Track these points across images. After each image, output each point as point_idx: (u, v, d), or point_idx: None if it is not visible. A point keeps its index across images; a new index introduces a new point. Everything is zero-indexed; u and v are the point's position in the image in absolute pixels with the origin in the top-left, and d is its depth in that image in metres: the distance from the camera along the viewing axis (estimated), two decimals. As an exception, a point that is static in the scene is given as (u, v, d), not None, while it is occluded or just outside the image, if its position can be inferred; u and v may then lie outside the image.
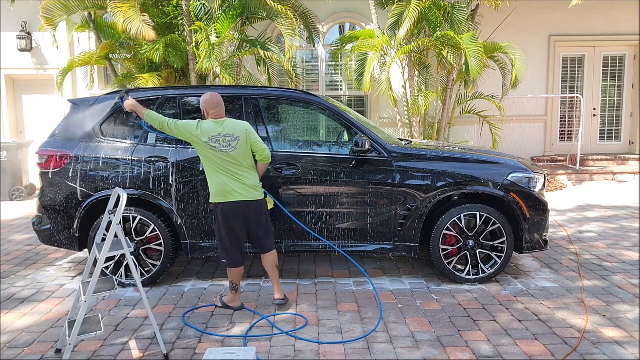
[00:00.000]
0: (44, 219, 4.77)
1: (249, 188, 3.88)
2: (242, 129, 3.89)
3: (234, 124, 3.90)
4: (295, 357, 3.32)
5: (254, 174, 3.96)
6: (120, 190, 3.31)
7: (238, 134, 3.85)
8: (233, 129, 3.86)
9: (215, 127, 3.84)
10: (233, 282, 4.05)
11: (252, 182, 3.91)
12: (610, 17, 10.76)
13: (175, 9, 8.26)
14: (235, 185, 3.83)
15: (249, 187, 3.88)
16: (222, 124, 3.86)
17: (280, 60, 8.05)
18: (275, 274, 4.15)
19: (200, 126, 3.85)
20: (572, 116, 11.35)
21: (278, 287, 4.16)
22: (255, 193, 3.91)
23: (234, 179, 3.84)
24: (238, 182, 3.84)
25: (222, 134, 3.82)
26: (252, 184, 3.90)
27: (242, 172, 3.86)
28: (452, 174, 4.52)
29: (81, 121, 4.74)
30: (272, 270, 4.14)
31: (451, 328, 3.71)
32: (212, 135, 3.81)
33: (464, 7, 8.57)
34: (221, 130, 3.83)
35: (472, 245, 4.59)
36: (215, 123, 3.86)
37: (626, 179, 10.01)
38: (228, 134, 3.83)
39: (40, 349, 3.46)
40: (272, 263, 4.12)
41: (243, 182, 3.85)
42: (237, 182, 3.84)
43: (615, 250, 5.67)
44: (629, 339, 3.50)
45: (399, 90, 9.90)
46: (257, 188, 3.95)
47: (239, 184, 3.84)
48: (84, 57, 8.58)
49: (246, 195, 3.86)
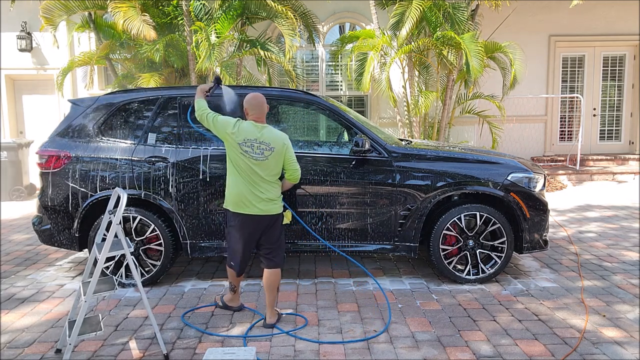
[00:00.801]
0: (44, 219, 4.77)
1: (266, 202, 3.66)
2: (280, 141, 3.65)
3: (273, 134, 3.66)
4: (295, 357, 3.32)
5: (277, 188, 3.74)
6: (120, 190, 3.31)
7: (274, 145, 3.61)
8: (271, 138, 3.62)
9: (253, 130, 3.62)
10: (232, 283, 3.98)
11: (272, 195, 3.68)
12: (610, 17, 10.76)
13: (175, 9, 8.26)
14: (252, 197, 3.62)
15: (266, 201, 3.66)
16: (262, 130, 3.63)
17: (280, 61, 8.06)
18: (273, 296, 3.78)
19: (238, 125, 3.65)
20: (572, 116, 11.35)
21: (271, 310, 3.79)
22: (271, 206, 3.69)
23: (253, 191, 3.62)
24: (256, 195, 3.62)
25: (259, 140, 3.59)
26: (271, 197, 3.68)
27: (264, 185, 3.64)
28: (452, 174, 4.52)
29: (81, 121, 4.73)
30: (270, 292, 3.76)
31: (451, 328, 3.71)
32: (248, 139, 3.59)
33: (464, 7, 8.57)
34: (259, 136, 3.60)
35: (472, 245, 4.59)
36: (254, 126, 3.64)
37: (626, 179, 10.01)
38: (264, 141, 3.60)
39: (40, 349, 3.46)
40: (272, 283, 3.76)
41: (262, 195, 3.63)
42: (256, 194, 3.62)
43: (615, 250, 5.67)
44: (629, 339, 3.50)
45: (399, 90, 9.90)
46: (275, 201, 3.72)
47: (257, 197, 3.63)
48: (84, 57, 8.59)
49: (261, 209, 3.65)
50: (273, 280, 3.77)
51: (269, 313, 3.80)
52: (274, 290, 3.79)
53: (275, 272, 3.78)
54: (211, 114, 3.79)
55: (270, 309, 3.80)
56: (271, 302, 3.80)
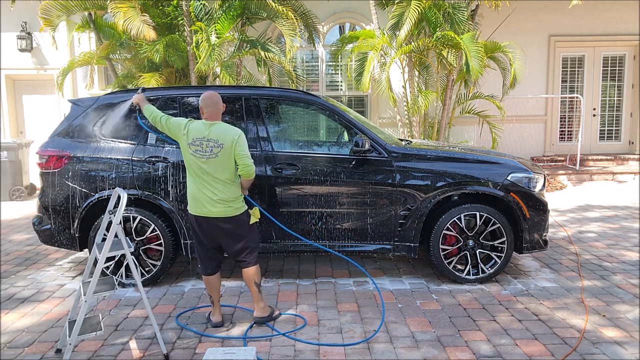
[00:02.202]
0: (44, 219, 4.77)
1: (220, 203, 3.55)
2: (229, 137, 3.52)
3: (223, 129, 3.55)
4: (295, 357, 3.32)
5: (233, 188, 3.61)
6: (120, 190, 3.31)
7: (223, 141, 3.50)
8: (220, 134, 3.52)
9: (202, 128, 3.55)
10: (208, 293, 3.84)
11: (227, 196, 3.57)
12: (610, 17, 10.76)
13: (175, 9, 8.26)
14: (204, 198, 3.55)
15: (220, 202, 3.55)
16: (211, 127, 3.54)
17: (281, 61, 8.05)
18: (254, 290, 3.80)
19: (188, 125, 3.60)
20: (572, 116, 11.35)
21: (257, 304, 3.82)
22: (224, 209, 3.57)
23: (206, 191, 3.55)
24: (208, 196, 3.54)
25: (207, 137, 3.51)
26: (226, 197, 3.56)
27: (217, 185, 3.54)
28: (452, 174, 4.52)
29: (81, 121, 4.74)
30: (251, 286, 3.80)
31: (451, 328, 3.71)
32: (197, 137, 3.53)
33: (464, 7, 8.57)
34: (207, 134, 3.52)
35: (472, 245, 4.59)
36: (204, 124, 3.58)
37: (626, 179, 10.01)
38: (212, 138, 3.50)
39: (40, 349, 3.47)
40: (251, 279, 3.76)
41: (214, 195, 3.54)
42: (208, 195, 3.54)
43: (615, 250, 5.67)
44: (629, 339, 3.50)
45: (398, 90, 9.90)
46: (231, 203, 3.60)
47: (208, 199, 3.54)
48: (84, 57, 8.59)
49: (214, 212, 3.56)
50: (249, 276, 3.79)
51: (257, 307, 3.84)
52: (252, 285, 3.80)
53: (251, 269, 3.78)
54: (164, 117, 3.80)
55: (257, 302, 3.83)
56: (255, 295, 3.83)
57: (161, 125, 3.80)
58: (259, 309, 3.84)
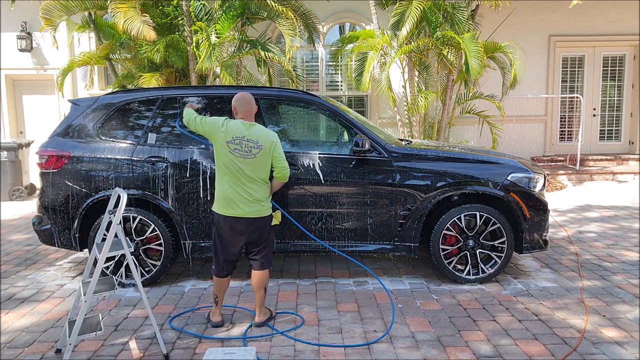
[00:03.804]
0: (44, 219, 4.77)
1: (253, 202, 3.61)
2: (269, 139, 3.61)
3: (262, 131, 3.62)
4: (295, 357, 3.32)
5: (266, 188, 3.69)
6: (120, 190, 3.31)
7: (262, 143, 3.57)
8: (259, 135, 3.59)
9: (241, 128, 3.58)
10: (215, 293, 3.82)
11: (259, 196, 3.63)
12: (610, 17, 10.76)
13: (175, 9, 8.26)
14: (239, 198, 3.58)
15: (253, 202, 3.61)
16: (250, 128, 3.60)
17: (281, 61, 8.06)
18: (260, 295, 3.79)
19: (226, 124, 3.61)
20: (572, 116, 11.35)
21: (260, 309, 3.82)
22: (259, 208, 3.64)
23: (240, 191, 3.58)
24: (243, 196, 3.58)
25: (247, 137, 3.55)
26: (258, 197, 3.63)
27: (252, 185, 3.60)
28: (452, 174, 4.52)
29: (81, 121, 4.74)
30: (258, 291, 3.78)
31: (451, 328, 3.71)
32: (236, 136, 3.55)
33: (464, 7, 8.57)
34: (247, 134, 3.56)
35: (472, 245, 4.59)
36: (242, 124, 3.61)
37: (626, 179, 10.01)
38: (252, 139, 3.56)
39: (40, 349, 3.47)
40: (260, 283, 3.77)
41: (249, 195, 3.59)
42: (243, 195, 3.58)
43: (615, 250, 5.67)
44: (629, 339, 3.50)
45: (398, 90, 9.90)
46: (262, 203, 3.67)
47: (244, 198, 3.58)
48: (84, 57, 8.59)
49: (248, 212, 3.60)
50: (262, 280, 3.78)
51: (259, 312, 3.83)
52: (262, 290, 3.79)
53: (264, 272, 3.79)
54: (198, 117, 3.82)
55: (260, 308, 3.83)
56: (260, 301, 3.81)
57: (195, 123, 3.79)
58: (261, 314, 3.83)
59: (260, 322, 3.80)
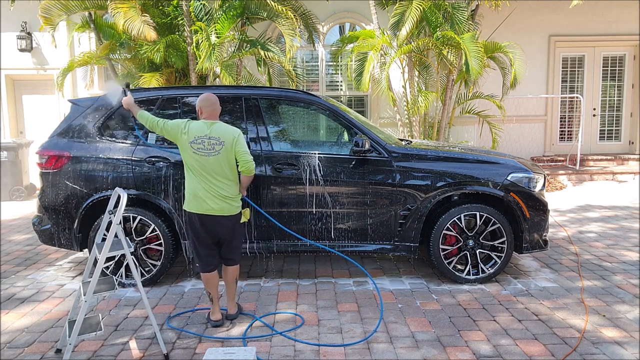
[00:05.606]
0: (44, 219, 4.77)
1: (221, 200, 3.64)
2: (230, 135, 3.65)
3: (223, 128, 3.68)
4: (295, 357, 3.32)
5: (233, 186, 3.72)
6: (120, 190, 3.31)
7: (224, 139, 3.62)
8: (220, 132, 3.64)
9: (203, 127, 3.65)
10: (207, 291, 3.85)
11: (228, 193, 3.67)
12: (610, 17, 10.76)
13: (175, 9, 8.26)
14: (206, 195, 3.62)
15: (221, 199, 3.65)
16: (212, 126, 3.65)
17: (281, 61, 8.05)
18: (233, 288, 3.92)
19: (188, 125, 3.69)
20: (572, 116, 11.35)
21: (232, 302, 3.93)
22: (226, 206, 3.67)
23: (208, 188, 3.62)
24: (211, 193, 3.63)
25: (209, 135, 3.61)
26: (226, 194, 3.66)
27: (218, 183, 3.64)
28: (452, 174, 4.52)
29: (81, 121, 4.73)
30: (231, 284, 3.90)
31: (451, 328, 3.71)
32: (198, 136, 3.62)
33: (464, 7, 8.57)
34: (208, 132, 3.62)
35: (472, 245, 4.59)
36: (204, 123, 3.68)
37: (626, 179, 10.00)
38: (214, 137, 3.61)
39: (40, 349, 3.47)
40: (232, 277, 3.89)
41: (216, 193, 3.63)
42: (211, 192, 3.63)
43: (615, 250, 5.67)
44: (629, 339, 3.50)
45: (398, 90, 9.90)
46: (230, 201, 3.69)
47: (211, 195, 3.63)
48: (84, 57, 8.58)
49: (216, 209, 3.65)
50: (232, 275, 3.91)
51: (231, 305, 3.93)
52: (234, 284, 3.92)
53: (235, 268, 3.91)
54: (160, 121, 3.89)
55: (231, 302, 3.94)
56: (231, 294, 3.93)
57: (159, 128, 3.88)
58: (233, 307, 3.94)
59: (234, 314, 3.92)
